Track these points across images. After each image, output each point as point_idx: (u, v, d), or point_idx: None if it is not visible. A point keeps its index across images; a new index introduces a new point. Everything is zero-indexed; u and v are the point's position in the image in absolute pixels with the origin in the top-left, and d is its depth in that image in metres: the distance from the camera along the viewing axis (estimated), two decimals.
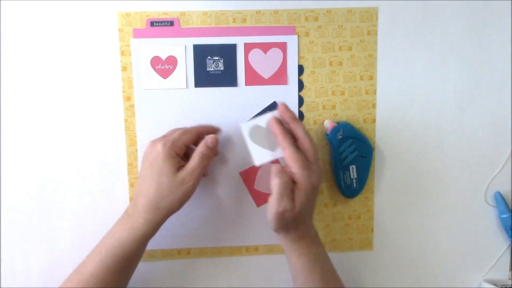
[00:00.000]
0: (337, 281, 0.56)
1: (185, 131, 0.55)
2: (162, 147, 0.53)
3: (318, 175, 0.53)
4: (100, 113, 0.60)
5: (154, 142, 0.54)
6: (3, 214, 0.60)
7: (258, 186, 0.62)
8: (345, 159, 0.60)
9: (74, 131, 0.60)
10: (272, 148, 0.55)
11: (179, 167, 0.53)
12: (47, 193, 0.60)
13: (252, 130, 0.55)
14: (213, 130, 0.59)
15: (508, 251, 0.66)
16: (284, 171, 0.52)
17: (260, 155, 0.54)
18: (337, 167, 0.60)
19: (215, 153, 0.57)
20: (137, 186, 0.55)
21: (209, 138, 0.55)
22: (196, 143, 0.56)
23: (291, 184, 0.52)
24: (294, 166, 0.51)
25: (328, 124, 0.60)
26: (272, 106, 0.61)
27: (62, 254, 0.61)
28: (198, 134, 0.56)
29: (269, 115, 0.55)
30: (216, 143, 0.55)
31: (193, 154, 0.54)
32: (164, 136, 0.55)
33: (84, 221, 0.61)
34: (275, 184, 0.51)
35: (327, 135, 0.60)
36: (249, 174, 0.62)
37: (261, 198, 0.63)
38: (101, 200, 0.61)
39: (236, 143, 0.61)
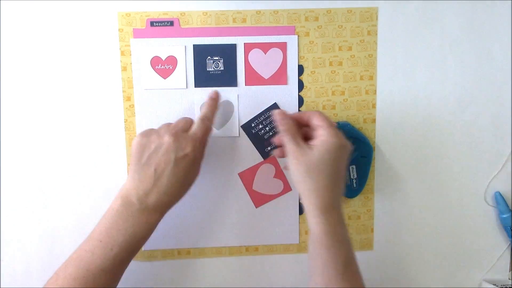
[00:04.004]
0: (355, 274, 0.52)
1: (207, 127, 0.54)
2: (192, 151, 0.52)
3: (345, 141, 0.52)
4: (100, 113, 0.60)
5: (176, 138, 0.51)
6: (3, 214, 0.60)
7: (257, 186, 0.62)
8: None
9: (74, 131, 0.60)
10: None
11: None
12: (47, 193, 0.60)
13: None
14: (217, 103, 0.58)
15: (508, 251, 0.66)
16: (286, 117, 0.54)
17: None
18: None
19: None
20: (145, 178, 0.51)
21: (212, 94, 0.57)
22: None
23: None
24: (323, 124, 0.52)
25: None
26: (273, 107, 0.61)
27: (62, 254, 0.61)
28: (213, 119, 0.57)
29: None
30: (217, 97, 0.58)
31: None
32: (180, 128, 0.53)
33: (84, 221, 0.61)
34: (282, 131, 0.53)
35: None
36: (248, 175, 0.62)
37: (259, 199, 0.63)
38: (101, 200, 0.61)
39: (234, 144, 0.61)
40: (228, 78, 0.60)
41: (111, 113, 0.60)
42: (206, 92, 0.60)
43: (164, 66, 0.59)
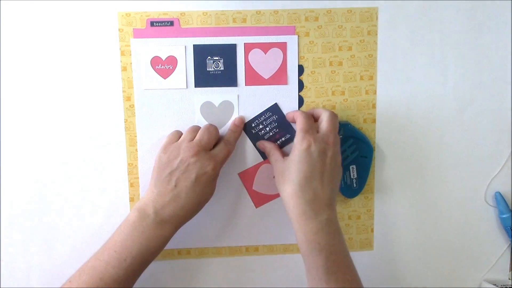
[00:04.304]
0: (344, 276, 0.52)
1: (229, 151, 0.57)
2: (212, 170, 0.54)
3: (316, 140, 0.53)
4: (100, 113, 0.60)
5: (199, 156, 0.54)
6: (3, 214, 0.60)
7: (257, 187, 0.62)
8: (345, 159, 0.60)
9: (74, 131, 0.60)
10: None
11: None
12: (47, 193, 0.60)
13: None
14: (241, 131, 0.61)
15: (508, 251, 0.66)
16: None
17: None
18: None
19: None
20: (164, 192, 0.53)
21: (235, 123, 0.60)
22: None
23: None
24: (297, 127, 0.55)
25: None
26: (273, 108, 0.61)
27: (62, 254, 0.61)
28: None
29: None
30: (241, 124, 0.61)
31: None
32: (203, 146, 0.55)
33: (84, 221, 0.61)
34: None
35: None
36: (248, 175, 0.62)
37: (260, 199, 0.63)
38: (101, 200, 0.61)
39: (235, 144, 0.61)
40: (228, 78, 0.60)
41: (111, 113, 0.60)
42: (206, 92, 0.60)
43: (164, 66, 0.59)
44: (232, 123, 0.60)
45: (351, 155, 0.60)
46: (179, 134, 0.58)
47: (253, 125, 0.61)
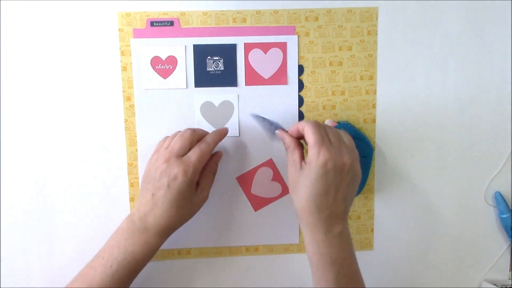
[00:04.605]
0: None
1: (202, 151, 0.53)
2: (183, 176, 0.52)
3: (335, 155, 0.49)
4: (100, 113, 0.60)
5: (169, 163, 0.52)
6: (3, 214, 0.60)
7: (255, 190, 0.62)
8: None
9: (74, 131, 0.60)
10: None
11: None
12: (47, 193, 0.60)
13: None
14: (222, 136, 0.58)
15: (508, 251, 0.66)
16: (293, 143, 0.53)
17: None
18: None
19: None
20: (145, 201, 0.53)
21: (216, 157, 0.59)
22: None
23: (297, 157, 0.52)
24: (308, 140, 0.50)
25: (329, 124, 0.60)
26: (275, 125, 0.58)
27: (62, 254, 0.61)
28: (213, 146, 0.56)
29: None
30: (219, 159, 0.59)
31: (206, 172, 0.57)
32: (174, 152, 0.53)
33: (84, 221, 0.61)
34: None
35: None
36: (246, 179, 0.62)
37: (258, 202, 0.63)
38: (101, 200, 0.61)
39: (232, 148, 0.61)
40: (228, 78, 0.60)
41: (111, 113, 0.60)
42: (206, 92, 0.60)
43: (164, 66, 0.59)
44: (216, 129, 0.59)
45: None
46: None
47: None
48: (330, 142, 0.51)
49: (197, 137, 0.55)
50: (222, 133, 0.57)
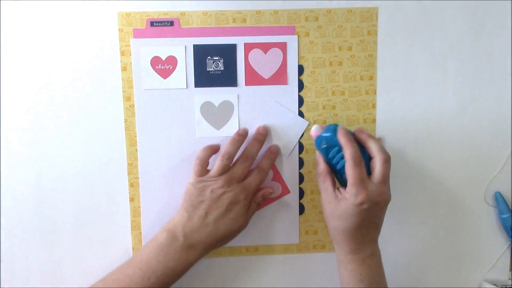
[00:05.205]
0: None
1: (262, 179, 0.58)
2: (244, 200, 0.55)
3: (370, 196, 0.51)
4: (100, 113, 0.60)
5: (231, 186, 0.55)
6: (3, 214, 0.60)
7: None
8: (336, 164, 0.56)
9: (74, 131, 0.60)
10: None
11: None
12: (47, 193, 0.60)
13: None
14: (275, 159, 0.61)
15: (508, 251, 0.66)
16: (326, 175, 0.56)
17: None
18: (332, 171, 0.57)
19: None
20: (196, 219, 0.55)
21: (266, 192, 0.60)
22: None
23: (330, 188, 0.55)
24: (348, 175, 0.53)
25: (312, 133, 0.57)
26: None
27: (62, 254, 0.61)
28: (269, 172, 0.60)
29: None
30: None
31: (254, 202, 0.58)
32: (237, 177, 0.56)
33: (84, 221, 0.61)
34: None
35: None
36: None
37: None
38: (101, 200, 0.61)
39: None
40: (228, 78, 0.60)
41: (111, 113, 0.60)
42: (206, 92, 0.60)
43: (164, 66, 0.59)
44: (268, 150, 0.60)
45: (342, 161, 0.55)
46: (210, 152, 0.57)
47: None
48: (369, 183, 0.52)
49: (253, 162, 0.58)
50: (275, 156, 0.60)
